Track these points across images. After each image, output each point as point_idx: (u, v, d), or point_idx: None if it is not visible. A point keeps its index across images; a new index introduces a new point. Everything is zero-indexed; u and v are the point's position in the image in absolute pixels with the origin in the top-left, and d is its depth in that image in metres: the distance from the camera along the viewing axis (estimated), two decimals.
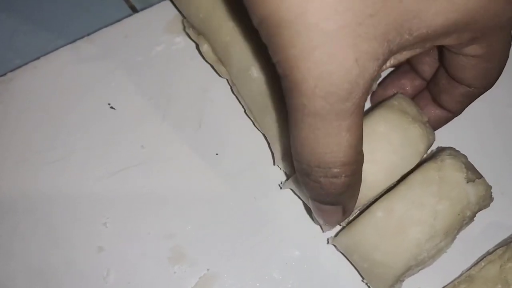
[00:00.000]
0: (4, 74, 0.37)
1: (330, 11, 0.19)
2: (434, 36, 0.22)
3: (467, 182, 0.29)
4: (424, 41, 0.23)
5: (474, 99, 0.30)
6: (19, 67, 0.37)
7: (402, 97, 0.31)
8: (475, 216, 0.31)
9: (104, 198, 0.34)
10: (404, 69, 0.34)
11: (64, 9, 0.40)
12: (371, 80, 0.21)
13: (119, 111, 0.36)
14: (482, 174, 0.31)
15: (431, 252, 0.29)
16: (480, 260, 0.32)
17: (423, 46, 0.24)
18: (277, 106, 0.31)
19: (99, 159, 0.35)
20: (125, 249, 0.32)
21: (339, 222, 0.28)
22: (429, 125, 0.31)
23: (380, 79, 0.36)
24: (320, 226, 0.33)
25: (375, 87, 0.35)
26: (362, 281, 0.32)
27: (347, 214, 0.27)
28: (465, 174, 0.29)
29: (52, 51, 0.37)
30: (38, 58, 0.37)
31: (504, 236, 0.34)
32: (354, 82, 0.20)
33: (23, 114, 0.36)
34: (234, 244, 0.33)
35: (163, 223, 0.33)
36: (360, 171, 0.25)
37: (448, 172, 0.29)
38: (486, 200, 0.31)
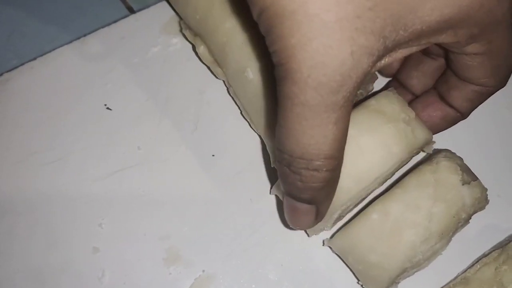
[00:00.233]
0: (1, 75, 0.37)
1: (331, 2, 0.19)
2: (429, 32, 0.22)
3: (463, 184, 0.29)
4: (419, 38, 0.23)
5: (485, 99, 0.29)
6: (16, 68, 0.37)
7: (385, 94, 0.30)
8: (471, 219, 0.31)
9: (100, 199, 0.34)
10: (393, 85, 0.33)
11: (61, 10, 0.40)
12: (364, 75, 0.21)
13: (116, 112, 0.36)
14: (478, 177, 0.31)
15: (426, 254, 0.29)
16: (476, 263, 0.32)
17: (419, 43, 0.24)
18: (273, 107, 0.31)
19: (96, 160, 0.35)
20: (121, 250, 0.32)
21: (310, 226, 0.27)
22: (418, 122, 0.29)
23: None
24: (305, 231, 0.32)
25: (371, 89, 0.35)
26: (358, 283, 0.32)
27: (319, 218, 0.27)
28: (461, 177, 0.29)
29: (49, 52, 0.37)
30: (35, 59, 0.37)
31: (500, 239, 0.34)
32: (347, 75, 0.20)
33: (20, 115, 0.36)
34: (230, 246, 0.33)
35: (159, 224, 0.33)
36: (340, 169, 0.24)
37: (444, 175, 0.30)
38: (482, 202, 0.31)
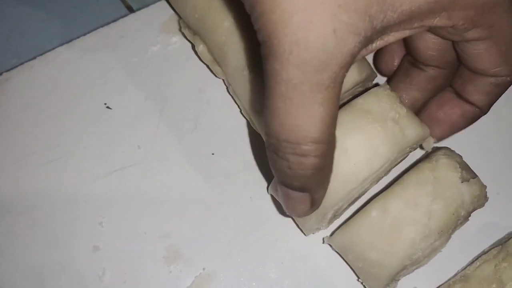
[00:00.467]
0: (1, 74, 0.37)
1: None
2: (420, 14, 0.22)
3: (462, 182, 0.29)
4: (411, 20, 0.22)
5: (504, 90, 0.28)
6: (15, 67, 0.37)
7: (374, 92, 0.29)
8: (470, 216, 0.31)
9: (101, 198, 0.34)
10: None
11: (61, 9, 0.40)
12: (351, 56, 0.20)
13: (115, 111, 0.36)
14: (477, 174, 0.31)
15: (426, 252, 0.29)
16: (475, 260, 0.32)
17: (411, 26, 0.23)
18: None
19: (96, 159, 0.35)
20: (121, 249, 0.33)
21: (307, 214, 0.26)
22: (409, 120, 0.29)
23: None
24: (301, 229, 0.32)
25: (370, 86, 0.35)
26: (358, 281, 0.32)
27: (315, 206, 0.26)
28: (460, 174, 0.29)
29: (48, 51, 0.37)
30: (34, 58, 0.37)
31: (499, 236, 0.34)
32: (331, 53, 0.20)
33: (20, 114, 0.36)
34: (230, 244, 0.33)
35: (159, 223, 0.33)
36: (331, 157, 0.23)
37: (443, 172, 0.30)
38: (481, 200, 0.31)
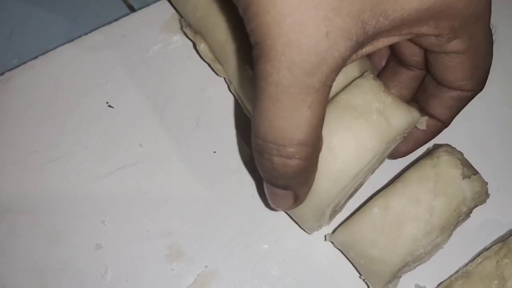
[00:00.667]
0: (2, 74, 0.37)
1: None
2: (410, 21, 0.22)
3: (463, 179, 0.29)
4: (401, 27, 0.22)
5: (464, 105, 0.29)
6: (17, 67, 0.37)
7: (356, 84, 0.28)
8: (472, 213, 0.31)
9: (103, 197, 0.34)
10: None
11: (62, 9, 0.40)
12: (342, 60, 0.20)
13: (117, 110, 0.36)
14: (478, 171, 0.31)
15: (428, 248, 0.29)
16: (477, 256, 0.32)
17: (400, 33, 0.23)
18: None
19: (98, 158, 0.35)
20: (124, 247, 0.33)
21: (291, 208, 0.27)
22: (395, 107, 0.28)
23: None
24: (304, 230, 0.32)
25: None
26: (359, 278, 0.32)
27: (299, 202, 0.26)
28: (461, 171, 0.30)
29: (50, 51, 0.38)
30: (36, 58, 0.37)
31: (501, 233, 0.34)
32: (322, 57, 0.20)
33: (22, 113, 0.36)
34: (232, 242, 0.33)
35: (161, 221, 0.33)
36: (316, 158, 0.24)
37: (444, 169, 0.30)
38: (482, 196, 0.31)
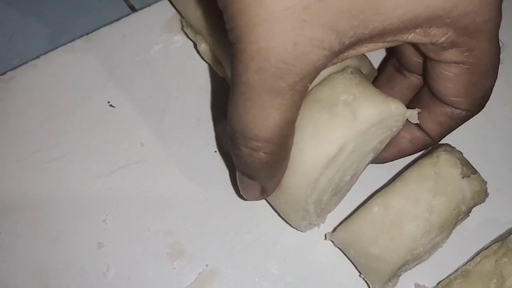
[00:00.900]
0: (4, 73, 0.37)
1: None
2: (393, 30, 0.22)
3: (463, 178, 0.29)
4: (383, 35, 0.22)
5: (457, 124, 0.28)
6: (19, 66, 0.37)
7: (329, 79, 0.27)
8: (471, 212, 0.31)
9: (104, 195, 0.34)
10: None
11: (63, 9, 0.40)
12: (314, 68, 0.21)
13: (119, 110, 0.36)
14: (478, 170, 0.31)
15: (427, 247, 0.29)
16: (476, 255, 0.32)
17: (384, 40, 0.23)
18: None
19: (99, 157, 0.35)
20: (125, 245, 0.33)
21: (258, 199, 0.28)
22: (367, 98, 0.26)
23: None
24: (295, 227, 0.32)
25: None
26: (359, 276, 0.33)
27: (265, 195, 0.27)
28: (460, 170, 0.30)
29: (51, 50, 0.38)
30: (38, 57, 0.38)
31: (500, 232, 0.34)
32: (290, 64, 0.20)
33: (23, 113, 0.36)
34: (233, 240, 0.33)
35: (163, 220, 0.34)
36: (284, 155, 0.24)
37: (444, 168, 0.30)
38: (481, 196, 0.31)
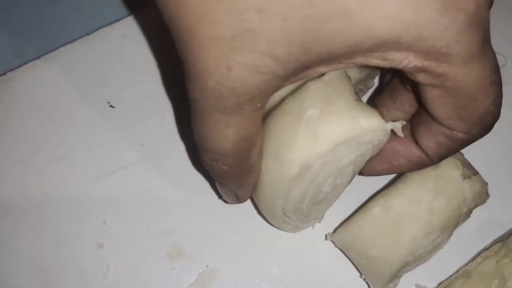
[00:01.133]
0: (4, 74, 0.37)
1: (207, 20, 0.20)
2: (343, 55, 0.21)
3: (464, 179, 0.29)
4: (336, 59, 0.22)
5: (458, 147, 0.26)
6: (19, 67, 0.37)
7: (305, 87, 0.25)
8: (472, 213, 0.31)
9: (104, 196, 0.34)
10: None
11: (64, 10, 0.40)
12: (260, 91, 0.21)
13: (119, 110, 0.36)
14: (478, 172, 0.31)
15: (428, 248, 0.29)
16: (477, 256, 0.32)
17: (341, 62, 0.22)
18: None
19: (99, 157, 0.35)
20: (125, 246, 0.33)
21: (237, 203, 0.29)
22: (334, 114, 0.24)
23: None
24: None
25: (372, 85, 0.35)
26: (360, 277, 0.32)
27: (242, 200, 0.28)
28: (461, 171, 0.30)
29: (52, 51, 0.38)
30: (38, 58, 0.37)
31: (500, 233, 0.34)
32: (229, 87, 0.21)
33: (23, 113, 0.36)
34: (233, 241, 0.33)
35: (163, 220, 0.33)
36: (247, 168, 0.24)
37: (445, 169, 0.30)
38: (482, 197, 0.31)
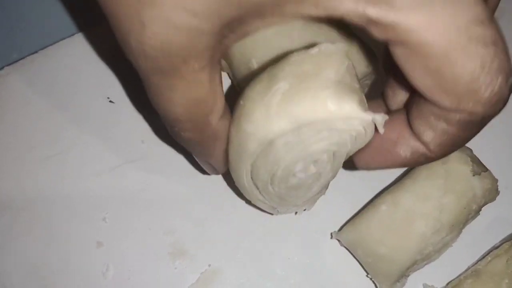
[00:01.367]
0: (2, 68, 0.36)
1: None
2: (268, 5, 0.20)
3: (473, 175, 0.29)
4: (262, 12, 0.20)
5: (455, 134, 0.22)
6: (17, 61, 0.36)
7: (289, 55, 0.23)
8: (481, 211, 0.31)
9: (104, 193, 0.33)
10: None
11: (62, 4, 0.40)
12: (186, 50, 0.20)
13: (118, 105, 0.36)
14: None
15: (437, 246, 0.29)
16: (487, 255, 0.32)
17: (272, 14, 0.21)
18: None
19: (99, 154, 0.34)
20: (125, 245, 0.32)
21: (215, 174, 0.29)
22: (306, 91, 0.21)
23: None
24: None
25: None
26: (367, 276, 0.32)
27: (218, 172, 0.28)
28: (471, 167, 0.29)
29: (50, 45, 0.37)
30: (36, 52, 0.37)
31: (511, 231, 0.34)
32: (152, 46, 0.20)
33: (21, 109, 0.35)
34: (236, 240, 0.33)
35: (164, 218, 0.33)
36: (208, 134, 0.24)
37: (454, 166, 0.29)
38: (492, 194, 0.30)
